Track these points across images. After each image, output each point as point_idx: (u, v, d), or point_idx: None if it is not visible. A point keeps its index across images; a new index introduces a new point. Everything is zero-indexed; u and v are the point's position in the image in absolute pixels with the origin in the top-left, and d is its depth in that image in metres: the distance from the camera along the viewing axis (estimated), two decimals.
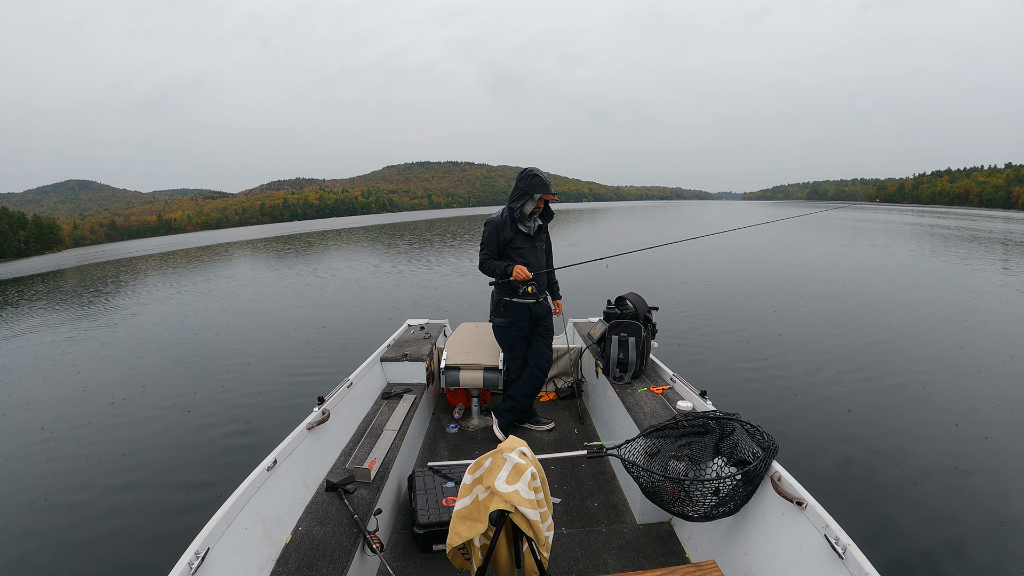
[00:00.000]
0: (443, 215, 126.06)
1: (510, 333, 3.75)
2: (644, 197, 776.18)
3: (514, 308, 3.67)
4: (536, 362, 3.80)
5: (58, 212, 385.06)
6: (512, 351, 3.82)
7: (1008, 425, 4.96)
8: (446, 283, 15.07)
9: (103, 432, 5.89)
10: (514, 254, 3.58)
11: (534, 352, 3.81)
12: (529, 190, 3.45)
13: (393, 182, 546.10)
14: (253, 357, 8.56)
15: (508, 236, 3.55)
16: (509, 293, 3.64)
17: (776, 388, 6.07)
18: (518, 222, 3.56)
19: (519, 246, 3.58)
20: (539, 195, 3.45)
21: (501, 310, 3.71)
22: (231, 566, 1.85)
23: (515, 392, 3.85)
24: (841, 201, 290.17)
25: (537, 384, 3.83)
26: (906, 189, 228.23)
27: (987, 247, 22.15)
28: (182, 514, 4.10)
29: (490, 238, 3.57)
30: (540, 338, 3.81)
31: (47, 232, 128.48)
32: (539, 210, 3.59)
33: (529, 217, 3.58)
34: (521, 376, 3.83)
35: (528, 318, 3.71)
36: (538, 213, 3.61)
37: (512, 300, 3.65)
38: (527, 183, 3.46)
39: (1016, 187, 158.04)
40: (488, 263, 3.61)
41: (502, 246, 3.58)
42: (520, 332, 3.74)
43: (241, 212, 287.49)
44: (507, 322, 3.72)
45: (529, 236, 3.62)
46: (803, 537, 1.85)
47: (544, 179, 3.46)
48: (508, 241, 3.56)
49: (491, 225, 3.57)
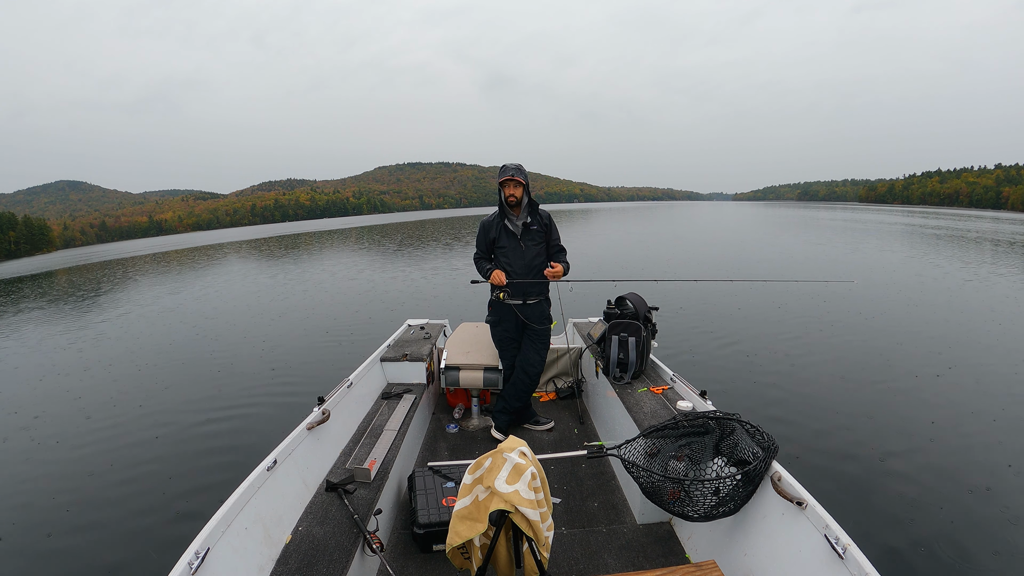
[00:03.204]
0: (435, 216, 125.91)
1: (497, 332, 3.84)
2: (635, 198, 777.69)
3: (499, 308, 3.74)
4: (522, 365, 3.80)
5: (48, 213, 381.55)
6: (502, 350, 3.88)
7: (1008, 425, 4.98)
8: (446, 283, 15.07)
9: (103, 433, 5.86)
10: (498, 254, 3.69)
11: (521, 355, 3.82)
12: (499, 180, 3.55)
13: (384, 183, 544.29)
14: (253, 357, 8.53)
15: (493, 236, 3.66)
16: (495, 292, 3.72)
17: (776, 388, 6.08)
18: (507, 220, 3.62)
19: (503, 245, 3.66)
20: (502, 179, 3.52)
21: (489, 308, 3.82)
22: (231, 566, 1.85)
23: (506, 393, 3.88)
24: (832, 202, 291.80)
25: (523, 388, 3.82)
26: (896, 190, 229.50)
27: (977, 247, 22.35)
28: (182, 514, 4.09)
29: (479, 238, 3.73)
30: (528, 342, 3.81)
31: (38, 233, 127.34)
32: (515, 200, 3.55)
33: (512, 210, 3.61)
34: (510, 380, 3.87)
35: (514, 319, 3.72)
36: (517, 205, 3.58)
37: (497, 300, 3.71)
38: (499, 175, 3.55)
39: (1006, 188, 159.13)
40: (478, 263, 3.75)
41: (489, 245, 3.70)
42: (506, 332, 3.78)
43: (232, 213, 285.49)
44: (494, 321, 3.82)
45: (516, 236, 3.63)
46: (803, 537, 1.86)
47: (507, 166, 3.53)
48: (494, 241, 3.67)
49: (480, 225, 3.71)
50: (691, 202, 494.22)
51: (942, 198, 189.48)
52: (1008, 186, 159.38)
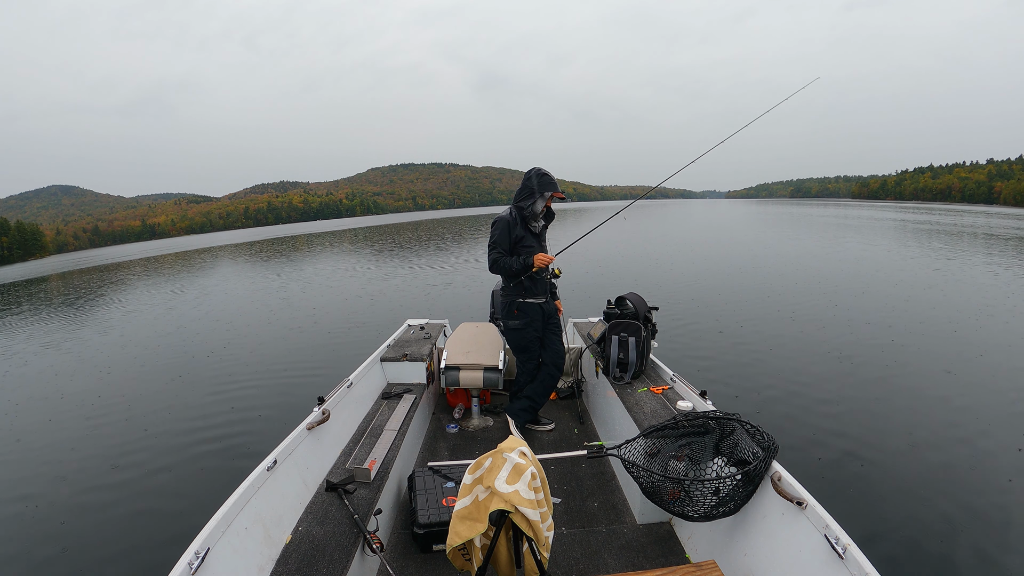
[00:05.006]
0: (429, 216, 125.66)
1: (526, 335, 3.71)
2: (628, 196, 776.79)
3: (528, 309, 3.65)
4: (552, 360, 3.80)
5: (41, 218, 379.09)
6: (527, 353, 3.77)
7: (1007, 425, 4.98)
8: (445, 283, 15.05)
9: (103, 433, 5.86)
10: (524, 252, 3.57)
11: (549, 350, 3.80)
12: (540, 189, 3.46)
13: (378, 184, 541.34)
14: (253, 357, 8.53)
15: (519, 234, 3.55)
16: (522, 294, 3.62)
17: (776, 388, 6.08)
18: (527, 221, 3.57)
19: (528, 244, 3.57)
20: (549, 193, 3.47)
21: (515, 312, 3.66)
22: (231, 566, 1.85)
23: (532, 392, 3.82)
24: (825, 198, 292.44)
25: (554, 382, 3.83)
26: (889, 186, 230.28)
27: (970, 241, 22.41)
28: (182, 514, 4.08)
29: (502, 237, 3.56)
30: (552, 335, 3.82)
31: (30, 238, 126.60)
32: (546, 209, 3.60)
33: (537, 216, 3.58)
34: (537, 376, 3.81)
35: (541, 317, 3.71)
36: (544, 212, 3.61)
37: (525, 301, 3.63)
38: (537, 182, 3.46)
39: (998, 183, 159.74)
40: (501, 261, 3.57)
41: (513, 244, 3.57)
42: (535, 332, 3.72)
43: (225, 216, 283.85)
44: (522, 324, 3.68)
45: (536, 235, 3.63)
46: (803, 537, 1.86)
47: (553, 179, 3.48)
48: (519, 239, 3.56)
49: (502, 223, 3.56)
50: (685, 200, 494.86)
51: (934, 194, 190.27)
52: (1000, 181, 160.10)
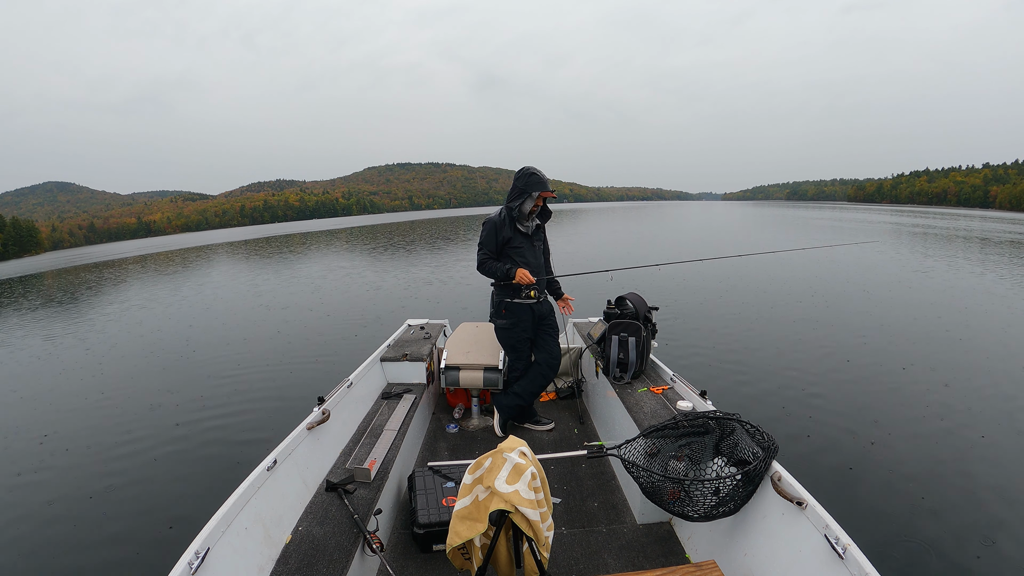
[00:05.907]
0: (425, 216, 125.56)
1: (513, 335, 3.74)
2: (625, 198, 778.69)
3: (516, 309, 3.66)
4: (546, 360, 3.80)
5: (37, 214, 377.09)
6: (516, 352, 3.80)
7: (1007, 424, 5.00)
8: (446, 283, 15.04)
9: (103, 433, 5.83)
10: (513, 254, 3.56)
11: (543, 351, 3.80)
12: (528, 188, 3.44)
13: (374, 183, 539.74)
14: (253, 357, 8.49)
15: (507, 235, 3.54)
16: (510, 294, 3.63)
17: (776, 388, 6.09)
18: (516, 221, 3.56)
19: (517, 246, 3.57)
20: (537, 193, 3.45)
21: (503, 312, 3.69)
22: (231, 566, 1.84)
23: (521, 389, 3.82)
24: (821, 201, 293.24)
25: (544, 382, 3.83)
26: (885, 189, 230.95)
27: (964, 245, 22.50)
28: (182, 514, 4.07)
29: (489, 237, 3.56)
30: (547, 337, 3.82)
31: (26, 235, 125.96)
32: (538, 208, 3.58)
33: (528, 216, 3.57)
34: (527, 374, 3.82)
35: (531, 318, 3.71)
36: (536, 212, 3.60)
37: (513, 301, 3.64)
38: (525, 182, 3.45)
39: (994, 187, 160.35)
40: (488, 263, 3.58)
41: (501, 246, 3.56)
42: (524, 333, 3.73)
43: (221, 214, 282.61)
44: (510, 324, 3.70)
45: (527, 236, 3.62)
46: (803, 537, 1.86)
47: (542, 177, 3.46)
48: (507, 240, 3.55)
49: (489, 224, 3.56)
50: (680, 202, 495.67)
51: (930, 197, 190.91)
52: (996, 185, 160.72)
